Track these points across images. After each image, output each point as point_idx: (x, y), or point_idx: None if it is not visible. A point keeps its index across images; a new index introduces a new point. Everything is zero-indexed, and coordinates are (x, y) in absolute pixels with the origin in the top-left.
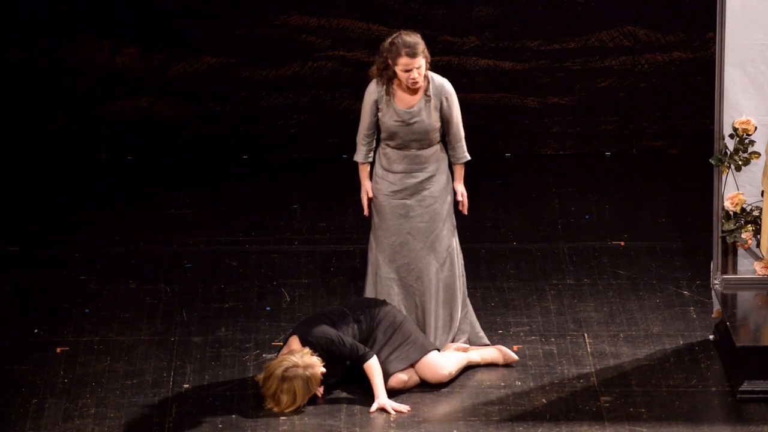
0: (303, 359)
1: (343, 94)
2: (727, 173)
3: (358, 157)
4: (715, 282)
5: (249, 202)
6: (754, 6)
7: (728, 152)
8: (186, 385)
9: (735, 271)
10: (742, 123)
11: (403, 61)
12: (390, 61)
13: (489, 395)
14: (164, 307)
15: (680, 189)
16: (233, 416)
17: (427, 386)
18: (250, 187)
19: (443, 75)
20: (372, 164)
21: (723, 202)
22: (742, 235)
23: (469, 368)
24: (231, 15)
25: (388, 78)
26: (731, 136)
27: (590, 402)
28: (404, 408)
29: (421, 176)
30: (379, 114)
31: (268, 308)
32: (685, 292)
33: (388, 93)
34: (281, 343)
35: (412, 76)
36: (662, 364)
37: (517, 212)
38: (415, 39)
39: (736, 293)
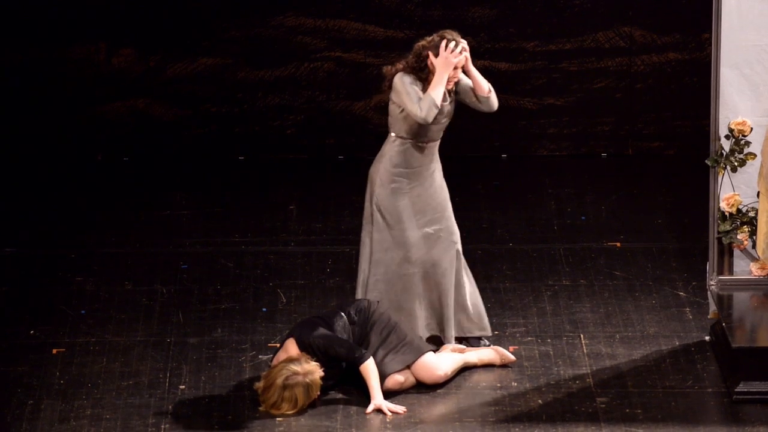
0: (302, 366)
1: (339, 95)
2: (723, 174)
3: (439, 98)
4: (711, 283)
5: (245, 203)
6: (750, 7)
7: (724, 153)
8: (182, 387)
9: (731, 272)
10: (738, 124)
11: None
12: (432, 61)
13: (485, 396)
14: (160, 308)
15: (676, 190)
16: (229, 417)
17: (423, 387)
18: (246, 188)
19: None
20: (381, 163)
21: (719, 203)
22: (738, 236)
23: (465, 369)
24: (227, 16)
25: (424, 78)
26: (727, 137)
27: (586, 403)
28: (400, 409)
29: (432, 167)
30: None
31: (264, 309)
32: (681, 293)
33: (423, 89)
34: (277, 345)
35: (457, 73)
36: (658, 365)
37: (514, 213)
38: (459, 36)
39: (732, 294)
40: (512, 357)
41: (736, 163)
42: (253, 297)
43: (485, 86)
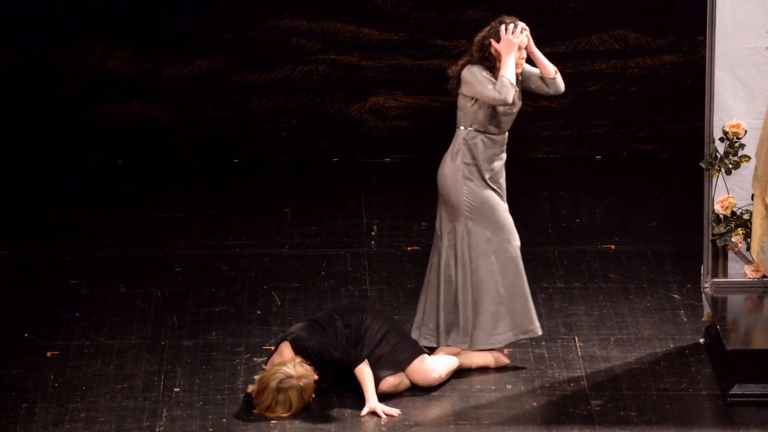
0: (296, 369)
1: (334, 97)
2: (718, 176)
3: (513, 77)
4: (706, 285)
5: (240, 206)
6: (744, 9)
7: (718, 156)
8: (176, 389)
9: (725, 275)
10: (733, 126)
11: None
12: (495, 47)
13: (480, 399)
14: (155, 311)
15: (671, 192)
16: (224, 420)
17: (417, 390)
18: (240, 190)
19: (434, 78)
20: (457, 161)
21: (713, 205)
22: (733, 239)
23: (460, 372)
24: (222, 18)
25: (492, 66)
26: (721, 140)
27: (581, 406)
28: (395, 412)
29: (503, 157)
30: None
31: (258, 312)
32: (676, 296)
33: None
34: (272, 347)
35: (523, 55)
36: (653, 367)
37: None
38: (517, 19)
39: (727, 297)
40: (507, 360)
41: (730, 166)
42: (247, 300)
43: (551, 68)
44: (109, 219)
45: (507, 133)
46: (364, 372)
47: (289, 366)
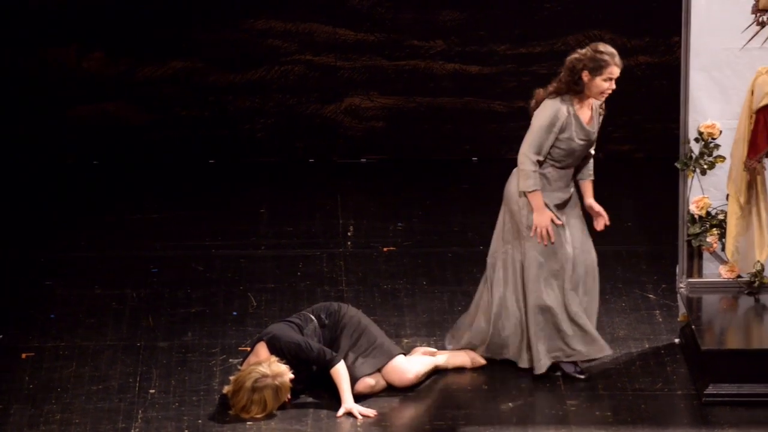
0: (271, 368)
1: (309, 98)
2: (693, 177)
3: (535, 183)
4: (681, 285)
5: (215, 207)
6: (719, 10)
7: (693, 156)
8: (152, 391)
9: (700, 275)
10: (708, 127)
11: (611, 70)
12: (587, 73)
13: (456, 399)
14: (130, 312)
15: (646, 193)
16: (199, 422)
17: (394, 390)
18: (216, 191)
19: (410, 79)
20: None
21: (688, 205)
22: (708, 239)
23: (436, 372)
24: (197, 19)
25: (576, 92)
26: (696, 140)
27: (556, 406)
28: (371, 412)
29: (571, 189)
30: (563, 135)
31: (234, 313)
32: (651, 296)
33: (575, 112)
34: (248, 348)
35: (612, 86)
36: (628, 367)
37: (484, 216)
38: (612, 48)
39: (702, 297)
40: (483, 360)
41: (705, 166)
42: (223, 300)
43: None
44: (85, 220)
45: (572, 168)
46: (340, 372)
47: (264, 366)
